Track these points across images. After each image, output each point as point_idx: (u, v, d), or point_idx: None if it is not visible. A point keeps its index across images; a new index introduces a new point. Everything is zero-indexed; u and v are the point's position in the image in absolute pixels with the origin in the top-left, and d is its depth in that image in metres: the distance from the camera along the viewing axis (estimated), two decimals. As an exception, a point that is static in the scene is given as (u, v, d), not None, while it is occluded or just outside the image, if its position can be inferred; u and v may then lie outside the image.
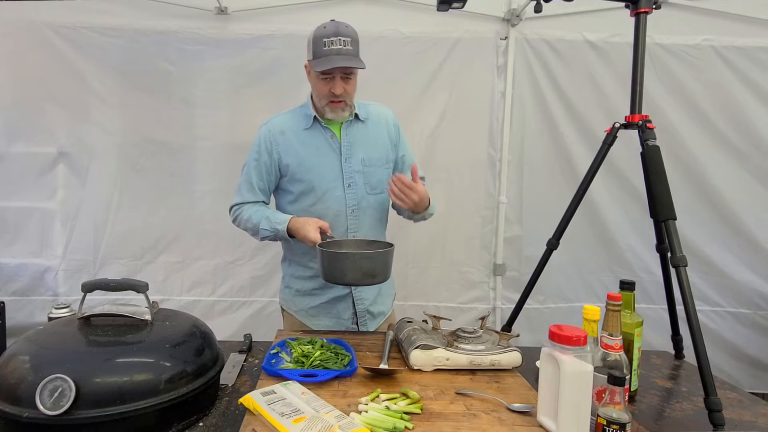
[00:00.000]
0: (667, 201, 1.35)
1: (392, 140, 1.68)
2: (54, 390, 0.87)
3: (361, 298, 1.67)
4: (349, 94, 1.56)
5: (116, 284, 1.14)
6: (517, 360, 1.31)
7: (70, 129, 2.49)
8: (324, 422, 0.92)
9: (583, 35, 2.51)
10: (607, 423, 0.89)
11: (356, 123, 1.64)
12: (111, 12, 2.43)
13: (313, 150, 1.60)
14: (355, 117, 1.64)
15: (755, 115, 2.49)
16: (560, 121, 2.57)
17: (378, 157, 1.64)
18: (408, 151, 1.75)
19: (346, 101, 1.56)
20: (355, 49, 1.53)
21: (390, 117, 1.71)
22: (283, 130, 1.63)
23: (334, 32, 1.50)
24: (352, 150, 1.62)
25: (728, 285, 2.59)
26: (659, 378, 1.40)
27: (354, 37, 1.53)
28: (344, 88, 1.53)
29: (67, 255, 2.53)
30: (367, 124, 1.66)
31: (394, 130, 1.70)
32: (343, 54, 1.48)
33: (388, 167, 1.66)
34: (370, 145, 1.64)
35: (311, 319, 1.70)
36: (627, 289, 1.21)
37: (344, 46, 1.49)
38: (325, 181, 1.60)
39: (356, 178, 1.61)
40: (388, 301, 1.77)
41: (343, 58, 1.48)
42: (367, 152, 1.63)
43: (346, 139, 1.62)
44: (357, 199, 1.61)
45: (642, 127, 1.45)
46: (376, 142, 1.65)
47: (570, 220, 1.60)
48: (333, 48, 1.48)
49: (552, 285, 2.65)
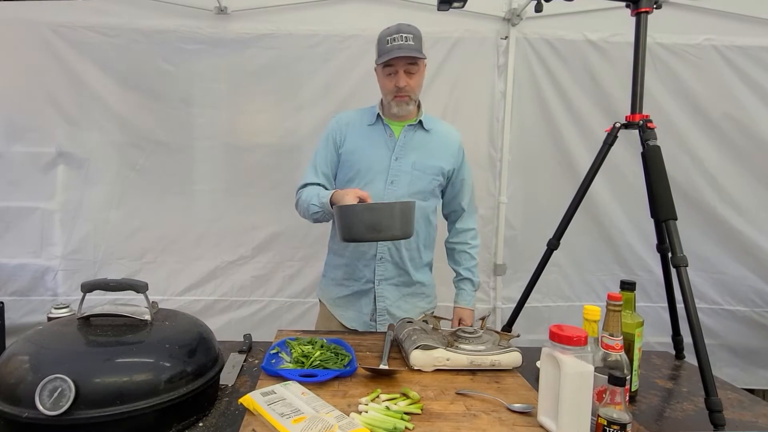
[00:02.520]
0: (668, 201, 1.35)
1: (454, 158, 1.71)
2: (53, 390, 0.87)
3: (382, 295, 1.69)
4: (413, 88, 1.60)
5: (116, 284, 1.13)
6: (517, 360, 1.31)
7: (69, 129, 2.48)
8: (324, 422, 0.92)
9: (584, 35, 2.50)
10: (608, 423, 0.89)
11: (419, 130, 1.68)
12: (110, 11, 2.43)
13: (370, 142, 1.67)
14: (419, 123, 1.68)
15: (756, 115, 2.48)
16: (561, 121, 2.57)
17: (430, 166, 1.65)
18: (468, 176, 1.78)
19: (410, 95, 1.61)
20: (418, 45, 1.57)
21: (457, 138, 1.74)
22: (348, 123, 1.71)
23: (396, 30, 1.57)
24: (405, 151, 1.65)
25: (725, 282, 2.60)
26: (660, 378, 1.39)
27: (416, 34, 1.58)
28: (407, 82, 1.58)
29: (67, 255, 2.53)
30: (431, 134, 1.69)
31: (458, 151, 1.72)
32: (405, 48, 1.54)
33: (437, 179, 1.67)
34: (427, 152, 1.66)
35: (338, 310, 1.75)
36: (627, 289, 1.21)
37: (406, 41, 1.55)
38: (371, 173, 1.64)
39: (401, 178, 1.64)
40: (413, 313, 1.70)
41: (404, 50, 1.53)
42: (420, 157, 1.65)
43: (403, 140, 1.66)
44: (395, 197, 1.62)
45: (643, 127, 1.45)
46: (433, 152, 1.67)
47: (570, 220, 1.60)
48: (395, 44, 1.55)
49: (552, 285, 2.65)
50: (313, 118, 2.55)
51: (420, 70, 1.61)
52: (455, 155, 1.71)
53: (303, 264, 2.63)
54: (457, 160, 1.72)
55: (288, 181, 2.60)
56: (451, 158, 1.70)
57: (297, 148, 2.55)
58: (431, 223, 1.72)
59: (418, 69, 1.59)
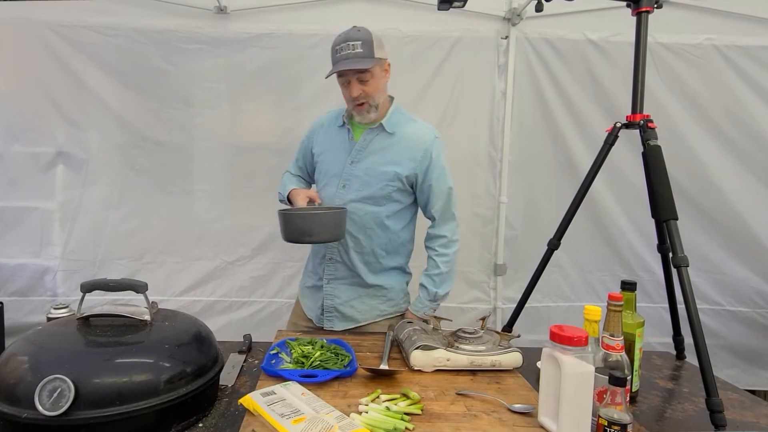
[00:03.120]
0: (669, 201, 1.35)
1: (415, 163, 1.61)
2: (53, 390, 0.86)
3: (331, 294, 1.71)
4: (369, 95, 1.57)
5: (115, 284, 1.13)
6: (517, 360, 1.30)
7: (69, 128, 2.48)
8: (324, 423, 0.91)
9: (585, 34, 2.50)
10: (609, 424, 0.89)
11: (381, 133, 1.64)
12: (110, 11, 2.42)
13: (332, 145, 1.71)
14: (380, 127, 1.63)
15: (757, 114, 2.48)
16: (561, 121, 2.56)
17: (384, 171, 1.60)
18: (440, 182, 1.64)
19: (368, 102, 1.58)
20: (367, 50, 1.53)
21: (425, 142, 1.62)
22: (323, 124, 1.78)
23: (344, 38, 1.55)
24: (362, 155, 1.63)
25: (727, 283, 2.59)
26: (660, 379, 1.39)
27: (366, 39, 1.54)
28: (362, 90, 1.55)
29: (66, 255, 2.53)
30: (393, 138, 1.63)
31: (423, 156, 1.60)
32: (351, 58, 1.52)
33: (392, 184, 1.61)
34: (385, 156, 1.62)
35: (303, 298, 1.83)
36: (628, 290, 1.21)
37: (352, 50, 1.52)
38: (327, 176, 1.69)
39: (352, 182, 1.63)
40: (369, 314, 1.72)
41: (348, 62, 1.52)
42: (375, 162, 1.62)
43: (362, 144, 1.64)
44: (344, 201, 1.63)
45: (643, 127, 1.45)
46: (391, 156, 1.61)
47: (571, 220, 1.60)
48: (342, 54, 1.54)
49: (553, 285, 2.64)
50: (313, 118, 2.51)
51: (375, 75, 1.56)
52: (418, 160, 1.60)
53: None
54: (421, 166, 1.61)
55: (288, 181, 2.61)
56: (411, 163, 1.60)
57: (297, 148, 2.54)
58: (389, 228, 1.66)
59: (371, 75, 1.55)
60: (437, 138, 1.65)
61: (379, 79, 1.58)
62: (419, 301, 1.71)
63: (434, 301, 1.71)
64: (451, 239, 1.71)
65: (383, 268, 1.71)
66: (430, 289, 1.70)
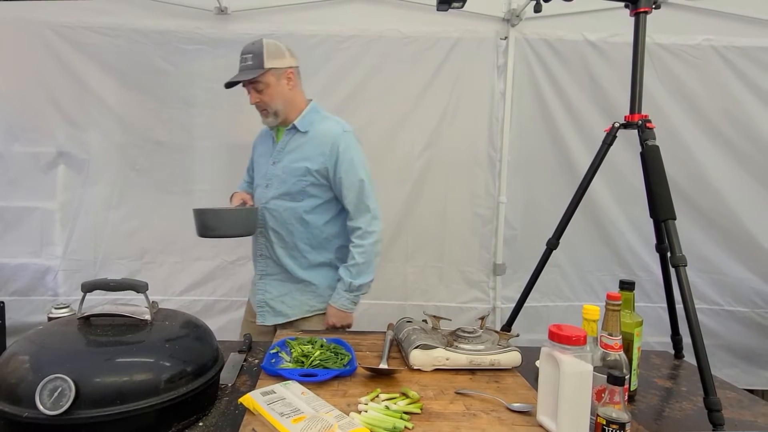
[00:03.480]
0: (667, 201, 1.35)
1: (324, 157, 1.68)
2: (54, 390, 0.87)
3: (263, 289, 1.80)
4: (266, 102, 1.69)
5: (116, 284, 1.14)
6: (516, 360, 1.31)
7: (69, 129, 2.48)
8: (324, 422, 0.92)
9: (583, 35, 2.51)
10: (607, 423, 0.89)
11: (297, 133, 1.74)
12: (110, 12, 2.43)
13: (262, 150, 1.86)
14: (293, 127, 1.74)
15: (755, 115, 2.48)
16: (560, 121, 2.57)
17: (297, 167, 1.70)
18: (350, 175, 1.68)
19: (267, 109, 1.71)
20: (256, 63, 1.65)
21: (333, 136, 1.69)
22: (262, 131, 1.91)
23: (242, 51, 1.70)
24: (282, 155, 1.74)
25: (726, 283, 2.60)
26: (659, 378, 1.40)
27: (256, 51, 1.66)
28: (259, 98, 1.69)
29: (67, 255, 2.53)
30: (307, 135, 1.73)
31: (331, 149, 1.67)
32: (242, 70, 1.69)
33: (305, 179, 1.69)
34: (299, 154, 1.71)
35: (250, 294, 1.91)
36: (627, 289, 1.21)
37: (245, 62, 1.68)
38: (258, 177, 1.83)
39: (273, 182, 1.74)
40: (299, 310, 1.76)
41: (239, 74, 1.68)
42: (291, 160, 1.72)
43: (282, 145, 1.76)
44: (267, 199, 1.75)
45: (641, 127, 1.45)
46: (304, 153, 1.71)
47: (570, 220, 1.60)
48: (240, 66, 1.70)
49: (552, 285, 2.65)
50: (313, 118, 2.55)
51: (270, 84, 1.67)
52: (326, 154, 1.67)
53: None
54: (329, 159, 1.67)
55: (288, 181, 2.61)
56: (320, 157, 1.68)
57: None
58: (309, 223, 1.72)
59: (265, 84, 1.67)
60: (346, 132, 1.71)
61: (276, 87, 1.69)
62: (337, 293, 1.72)
63: (351, 292, 1.70)
64: (366, 230, 1.71)
65: (311, 264, 1.75)
66: (345, 280, 1.70)
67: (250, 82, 1.67)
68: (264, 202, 1.75)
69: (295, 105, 1.75)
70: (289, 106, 1.73)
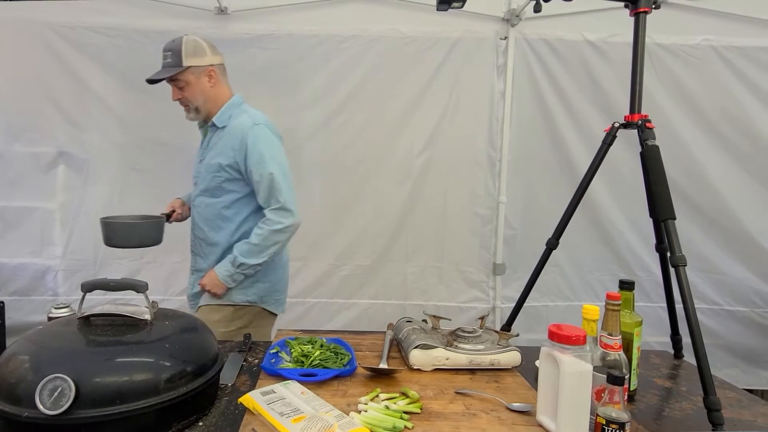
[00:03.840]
0: (667, 201, 1.35)
1: (234, 152, 1.67)
2: (54, 390, 0.87)
3: (192, 284, 1.83)
4: (188, 99, 1.71)
5: (116, 284, 1.14)
6: (516, 359, 1.31)
7: (69, 129, 2.48)
8: (323, 422, 0.92)
9: (583, 35, 2.51)
10: (607, 422, 0.89)
11: (217, 130, 1.74)
12: (110, 12, 2.43)
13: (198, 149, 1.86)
14: (212, 124, 1.74)
15: (754, 115, 2.49)
16: (560, 121, 2.57)
17: (212, 164, 1.71)
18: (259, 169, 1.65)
19: (188, 106, 1.73)
20: (174, 60, 1.66)
21: (243, 130, 1.67)
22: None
23: (163, 48, 1.70)
24: (206, 152, 1.76)
25: (725, 283, 2.60)
26: (658, 377, 1.40)
27: (175, 49, 1.67)
28: (179, 95, 1.71)
29: (67, 255, 2.53)
30: (223, 131, 1.73)
31: (240, 144, 1.66)
32: (163, 67, 1.69)
33: (219, 176, 1.69)
34: (216, 151, 1.72)
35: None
36: (626, 289, 1.21)
37: (164, 59, 1.69)
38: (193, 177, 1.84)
39: (199, 179, 1.77)
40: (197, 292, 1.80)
41: (159, 72, 1.69)
42: (211, 157, 1.73)
43: (205, 143, 1.78)
44: (194, 197, 1.79)
45: (641, 127, 1.45)
46: (220, 149, 1.71)
47: (569, 220, 1.60)
48: (162, 63, 1.70)
49: (551, 284, 2.65)
50: (313, 118, 2.56)
51: (189, 82, 1.68)
52: (236, 148, 1.66)
53: (302, 264, 2.63)
54: (239, 154, 1.66)
55: (288, 181, 2.61)
56: (231, 152, 1.67)
57: (297, 148, 2.55)
58: (228, 219, 1.71)
59: (185, 82, 1.68)
60: (256, 125, 1.68)
61: (196, 85, 1.69)
62: (223, 262, 1.70)
63: (235, 266, 1.67)
64: (272, 219, 1.66)
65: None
66: (235, 253, 1.67)
67: (170, 79, 1.68)
68: (193, 200, 1.80)
69: (217, 102, 1.74)
70: (210, 102, 1.73)
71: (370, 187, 2.61)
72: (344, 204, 2.62)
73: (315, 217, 2.60)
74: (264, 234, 1.65)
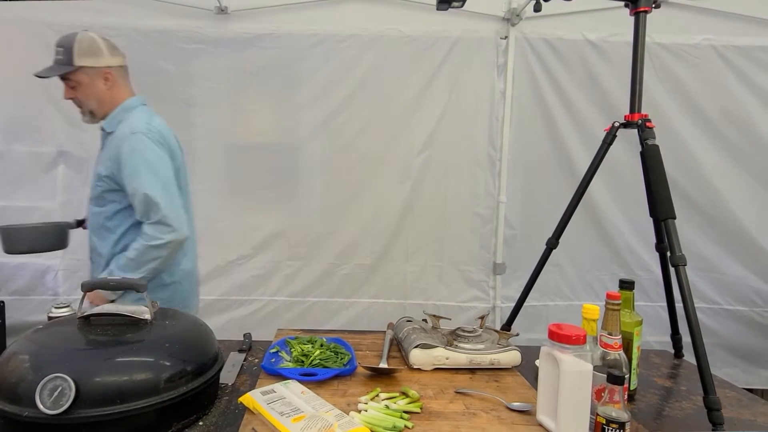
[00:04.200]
0: (667, 200, 1.35)
1: (111, 161, 1.55)
2: (54, 389, 0.87)
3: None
4: (81, 100, 1.61)
5: (116, 284, 1.14)
6: (516, 359, 1.31)
7: (69, 128, 2.48)
8: (323, 421, 0.92)
9: (583, 34, 2.51)
10: (607, 422, 0.89)
11: (109, 135, 1.63)
12: (110, 11, 2.43)
13: None
14: (103, 129, 1.66)
15: (755, 115, 2.48)
16: (560, 121, 2.57)
17: (94, 173, 1.64)
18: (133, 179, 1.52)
19: (82, 107, 1.63)
20: (65, 58, 1.54)
21: (120, 139, 1.55)
22: None
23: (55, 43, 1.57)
24: (99, 159, 1.66)
25: (725, 282, 2.60)
26: (658, 377, 1.40)
27: (67, 46, 1.55)
28: (72, 95, 1.60)
29: (67, 254, 2.52)
30: (112, 137, 1.61)
31: (118, 152, 1.53)
32: (54, 63, 1.57)
33: (99, 185, 1.59)
34: (104, 158, 1.62)
35: None
36: (626, 288, 1.21)
37: (56, 55, 1.56)
38: None
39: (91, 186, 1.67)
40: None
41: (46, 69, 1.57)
42: (96, 165, 1.66)
43: (101, 149, 1.68)
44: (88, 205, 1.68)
45: (641, 127, 1.45)
46: (104, 157, 1.61)
47: (569, 220, 1.60)
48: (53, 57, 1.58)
49: (551, 284, 2.65)
50: (313, 118, 2.56)
51: (81, 83, 1.57)
52: (113, 158, 1.54)
53: (303, 263, 2.63)
54: (116, 164, 1.53)
55: (288, 181, 2.61)
56: (109, 161, 1.55)
57: (297, 148, 2.56)
58: (110, 230, 1.61)
59: (75, 82, 1.57)
60: (134, 134, 1.53)
61: (89, 87, 1.58)
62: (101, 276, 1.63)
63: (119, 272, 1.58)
64: (149, 234, 1.53)
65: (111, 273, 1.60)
66: (111, 267, 1.58)
67: (62, 77, 1.56)
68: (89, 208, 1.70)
69: (113, 105, 1.63)
70: (106, 105, 1.62)
71: (370, 186, 2.61)
72: (344, 204, 2.62)
73: (315, 216, 2.61)
74: (140, 249, 1.52)
